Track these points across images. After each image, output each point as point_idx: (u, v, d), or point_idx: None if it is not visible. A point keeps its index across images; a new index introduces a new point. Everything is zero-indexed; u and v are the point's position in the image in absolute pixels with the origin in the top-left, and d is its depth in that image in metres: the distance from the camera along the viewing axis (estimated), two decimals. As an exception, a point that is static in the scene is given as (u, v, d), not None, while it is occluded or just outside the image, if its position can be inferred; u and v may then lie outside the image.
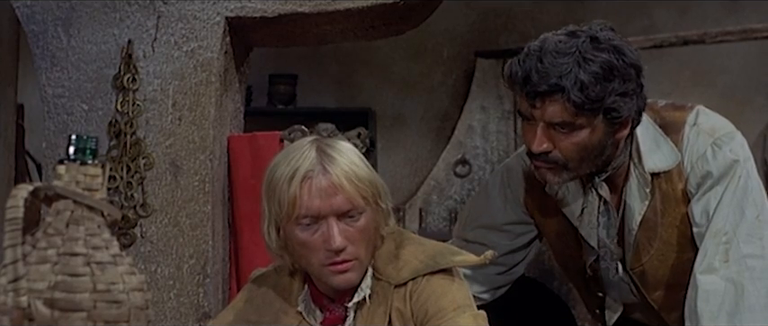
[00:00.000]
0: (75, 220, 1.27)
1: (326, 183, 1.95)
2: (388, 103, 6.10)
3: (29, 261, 1.23)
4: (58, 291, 1.20)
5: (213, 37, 2.87)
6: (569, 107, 2.09)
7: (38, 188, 1.25)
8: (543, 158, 2.19)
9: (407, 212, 5.64)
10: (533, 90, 2.13)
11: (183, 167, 2.83)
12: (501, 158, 5.57)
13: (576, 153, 2.17)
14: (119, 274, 1.25)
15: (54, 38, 2.91)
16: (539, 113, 2.14)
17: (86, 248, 1.25)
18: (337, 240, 1.95)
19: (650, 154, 2.27)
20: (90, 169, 1.29)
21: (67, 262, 1.23)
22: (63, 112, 2.90)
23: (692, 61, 5.70)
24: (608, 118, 2.13)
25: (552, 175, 2.22)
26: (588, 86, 2.08)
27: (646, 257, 2.36)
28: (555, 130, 2.15)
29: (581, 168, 2.22)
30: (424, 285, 2.02)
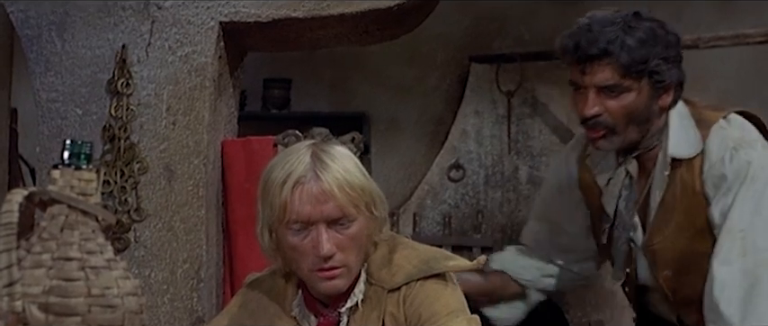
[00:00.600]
0: (69, 224, 1.28)
1: (318, 189, 1.94)
2: (383, 107, 6.02)
3: (24, 266, 1.23)
4: (53, 295, 1.20)
5: (207, 42, 2.89)
6: (617, 70, 2.32)
7: (33, 193, 1.25)
8: (594, 122, 2.38)
9: (401, 216, 5.56)
10: (584, 54, 2.35)
11: (178, 171, 2.84)
12: (495, 162, 5.56)
13: (624, 116, 2.36)
14: (113, 278, 1.25)
15: (48, 42, 2.93)
16: (588, 78, 2.36)
17: (81, 252, 1.26)
18: (325, 247, 1.95)
19: (676, 140, 2.42)
20: (85, 174, 1.30)
21: (62, 266, 1.23)
22: (57, 116, 2.92)
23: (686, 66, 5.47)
24: (652, 81, 2.35)
25: (604, 141, 2.42)
26: (634, 50, 2.31)
27: (659, 237, 2.48)
28: (604, 94, 2.35)
29: (628, 133, 2.39)
30: (418, 289, 2.02)
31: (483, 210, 5.51)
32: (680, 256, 2.47)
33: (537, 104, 5.57)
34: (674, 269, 2.50)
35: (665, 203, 2.45)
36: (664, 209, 2.45)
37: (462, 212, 5.55)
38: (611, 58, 2.32)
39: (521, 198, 5.50)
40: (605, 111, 2.37)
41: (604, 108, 2.37)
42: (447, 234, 5.47)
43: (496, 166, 5.57)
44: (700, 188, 2.40)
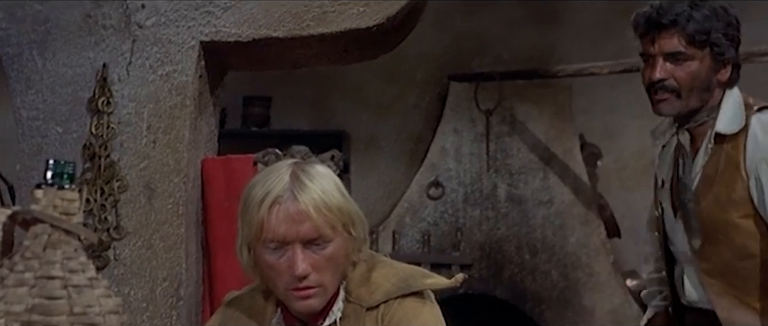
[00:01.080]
0: (52, 243, 1.29)
1: (294, 210, 1.93)
2: (362, 125, 6.08)
3: (6, 284, 1.24)
4: (36, 313, 1.21)
5: (188, 61, 2.89)
6: (683, 38, 2.57)
7: (16, 212, 1.27)
8: (660, 86, 2.62)
9: (381, 234, 5.58)
10: (656, 22, 2.60)
11: (158, 189, 2.83)
12: (473, 180, 5.59)
13: (688, 81, 2.60)
14: (95, 297, 1.27)
15: (29, 61, 2.91)
16: (658, 46, 2.61)
17: (63, 271, 1.27)
18: (300, 268, 1.94)
19: (724, 117, 2.63)
20: (67, 194, 1.31)
21: (45, 285, 1.24)
22: (37, 134, 2.91)
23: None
24: (713, 53, 2.60)
25: (666, 104, 2.63)
26: (699, 21, 2.57)
27: (697, 206, 2.66)
28: (671, 61, 2.60)
29: (691, 99, 2.62)
30: (396, 307, 2.02)
31: (462, 228, 5.54)
32: (713, 226, 2.63)
33: (515, 123, 5.61)
34: (706, 238, 2.65)
35: (706, 175, 2.64)
36: (704, 181, 2.64)
37: (441, 230, 5.58)
38: (678, 28, 2.57)
39: (499, 216, 5.52)
40: (671, 76, 2.61)
41: (670, 74, 2.61)
42: (426, 252, 5.49)
43: (475, 184, 5.60)
44: (742, 163, 2.57)
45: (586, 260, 5.25)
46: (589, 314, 5.18)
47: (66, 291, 1.24)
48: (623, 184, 5.75)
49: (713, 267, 2.64)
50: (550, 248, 5.32)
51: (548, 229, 5.35)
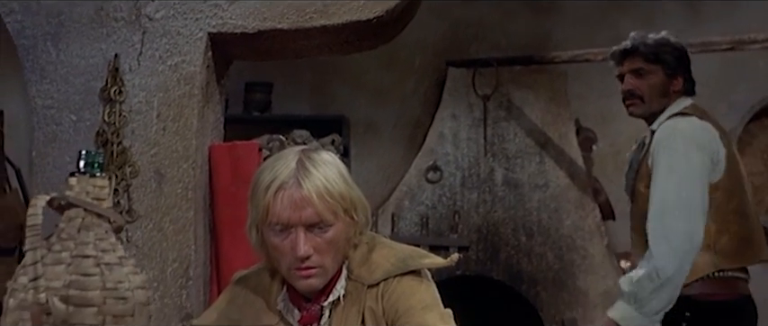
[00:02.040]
0: (85, 226, 1.43)
1: (298, 196, 2.04)
2: (362, 110, 6.11)
3: (45, 262, 1.38)
4: (72, 288, 1.34)
5: (196, 52, 3.03)
6: (641, 58, 3.39)
7: (53, 198, 1.41)
8: (630, 94, 3.41)
9: (380, 217, 5.63)
10: (624, 50, 3.44)
11: (167, 175, 2.97)
12: (471, 164, 5.65)
13: (649, 89, 3.38)
14: (124, 273, 1.41)
15: (43, 52, 3.05)
16: (625, 66, 3.43)
17: (96, 250, 1.41)
18: (302, 250, 2.05)
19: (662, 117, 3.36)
20: (98, 181, 1.46)
21: (80, 263, 1.38)
22: (52, 122, 3.04)
23: (655, 71, 5.83)
24: (664, 68, 3.37)
25: (635, 107, 3.42)
26: (652, 46, 3.39)
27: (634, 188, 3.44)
28: (635, 76, 3.40)
29: (652, 103, 3.38)
30: (395, 285, 2.13)
31: (459, 211, 5.61)
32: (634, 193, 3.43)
33: (512, 108, 5.67)
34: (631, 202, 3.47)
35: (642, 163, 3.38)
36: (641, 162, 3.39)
37: (439, 213, 5.64)
38: (638, 51, 3.41)
39: (496, 199, 5.60)
40: (636, 87, 3.40)
41: (635, 85, 3.40)
42: (424, 234, 5.56)
43: (473, 168, 5.67)
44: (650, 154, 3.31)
45: (581, 243, 5.34)
46: (583, 295, 5.28)
47: (99, 268, 1.38)
48: (618, 167, 5.80)
49: (633, 225, 3.43)
50: (546, 230, 5.40)
51: (543, 212, 5.43)
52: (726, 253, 3.25)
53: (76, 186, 1.44)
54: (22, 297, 1.31)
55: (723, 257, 3.24)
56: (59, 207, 1.44)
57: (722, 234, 3.24)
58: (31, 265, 1.31)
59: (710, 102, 5.73)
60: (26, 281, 1.32)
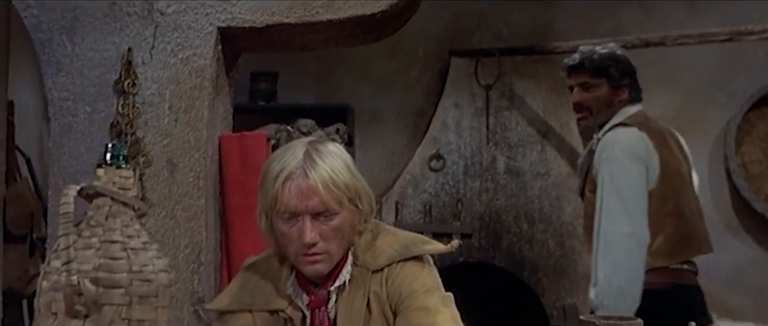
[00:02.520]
0: (112, 213, 1.56)
1: (305, 186, 2.14)
2: (366, 100, 6.15)
3: (76, 247, 1.50)
4: (102, 271, 1.47)
5: (206, 45, 3.14)
6: (587, 73, 3.64)
7: (83, 188, 1.54)
8: (579, 107, 3.68)
9: (384, 204, 5.72)
10: (573, 65, 3.69)
11: (179, 164, 3.08)
12: (473, 153, 5.73)
13: (595, 102, 3.64)
14: (149, 257, 1.54)
15: (59, 46, 3.16)
16: (573, 80, 3.70)
17: (122, 236, 1.54)
18: (308, 237, 2.16)
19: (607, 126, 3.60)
20: (123, 172, 1.59)
21: (108, 248, 1.51)
22: (68, 114, 3.15)
23: (656, 60, 5.79)
24: (610, 80, 3.61)
25: (584, 120, 3.71)
26: (597, 61, 3.63)
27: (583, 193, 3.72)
28: (584, 89, 3.65)
29: (599, 115, 3.64)
30: (399, 270, 2.25)
31: (462, 199, 5.70)
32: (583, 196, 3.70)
33: (514, 97, 5.76)
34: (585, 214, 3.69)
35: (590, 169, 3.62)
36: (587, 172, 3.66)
37: (442, 201, 5.73)
38: (584, 67, 3.67)
39: (498, 188, 5.68)
40: (584, 100, 3.66)
41: (584, 98, 3.66)
42: (428, 222, 5.66)
43: (475, 156, 5.75)
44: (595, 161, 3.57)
45: (582, 230, 5.44)
46: (584, 282, 5.32)
47: (126, 253, 1.51)
48: (618, 156, 5.94)
49: (584, 225, 3.69)
50: (547, 218, 5.51)
51: (545, 200, 5.53)
52: (661, 253, 3.49)
53: (103, 177, 1.56)
54: (55, 279, 1.43)
55: (658, 256, 3.47)
56: (88, 196, 1.57)
57: (657, 236, 3.47)
58: (64, 249, 1.44)
59: (710, 91, 5.88)
60: (59, 264, 1.44)
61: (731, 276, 5.88)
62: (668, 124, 5.82)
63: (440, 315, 2.18)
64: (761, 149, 5.91)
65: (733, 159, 5.75)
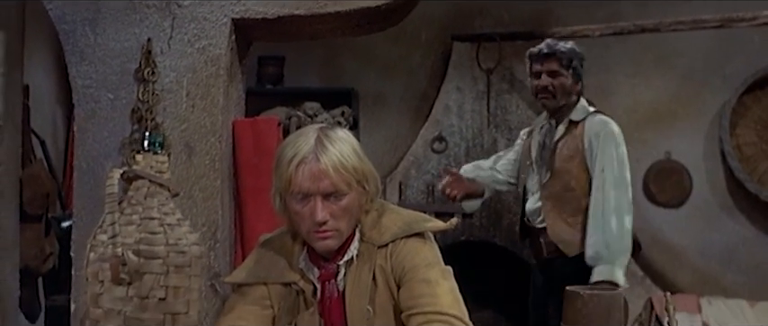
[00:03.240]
0: (150, 194, 1.77)
1: (316, 169, 2.30)
2: (370, 83, 6.34)
3: (120, 223, 1.73)
4: (142, 244, 1.69)
5: (221, 36, 3.30)
6: (557, 62, 4.20)
7: (124, 171, 1.77)
8: (545, 89, 4.22)
9: (388, 185, 5.88)
10: (544, 53, 4.24)
11: (196, 148, 3.23)
12: (475, 135, 5.90)
13: (560, 88, 4.22)
14: (183, 232, 1.76)
15: (82, 36, 3.32)
16: (542, 67, 4.23)
17: (159, 213, 1.76)
18: (320, 215, 2.33)
19: (576, 112, 4.25)
20: (159, 157, 1.81)
21: (147, 224, 1.73)
22: (91, 100, 3.31)
23: (653, 45, 6.06)
24: (573, 72, 4.23)
25: (549, 100, 4.24)
26: (566, 53, 4.22)
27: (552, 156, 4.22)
28: (551, 76, 4.20)
29: (560, 99, 4.23)
30: (402, 246, 2.42)
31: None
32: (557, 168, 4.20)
33: (514, 81, 5.93)
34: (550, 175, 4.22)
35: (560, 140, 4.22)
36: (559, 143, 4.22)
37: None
38: (556, 56, 4.24)
39: None
40: (551, 84, 4.22)
41: (551, 83, 4.22)
42: (430, 202, 5.83)
43: (476, 138, 5.94)
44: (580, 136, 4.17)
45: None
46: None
47: (163, 228, 1.73)
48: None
49: (549, 194, 4.23)
50: (546, 198, 5.67)
51: (544, 180, 5.70)
52: None
53: (142, 162, 1.78)
54: (101, 252, 1.64)
55: None
56: (128, 179, 1.79)
57: None
58: (110, 225, 1.65)
59: (705, 75, 6.06)
60: (105, 238, 1.66)
61: (725, 255, 6.12)
62: (665, 107, 6.08)
63: (440, 287, 2.35)
64: (755, 131, 6.10)
65: (727, 142, 5.94)
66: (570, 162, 4.17)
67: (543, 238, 4.25)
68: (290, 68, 6.24)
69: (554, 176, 4.21)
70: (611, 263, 3.97)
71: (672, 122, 6.18)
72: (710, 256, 6.15)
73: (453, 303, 2.33)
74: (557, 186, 4.20)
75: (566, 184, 4.18)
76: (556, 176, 4.20)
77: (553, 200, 4.20)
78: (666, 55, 6.15)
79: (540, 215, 4.28)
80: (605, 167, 4.07)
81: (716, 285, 6.07)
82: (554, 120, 4.29)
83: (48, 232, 5.53)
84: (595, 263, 4.01)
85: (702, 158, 6.15)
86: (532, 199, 4.34)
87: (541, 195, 4.25)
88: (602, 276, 3.96)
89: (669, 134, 6.17)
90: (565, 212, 4.18)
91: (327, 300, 2.45)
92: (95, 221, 3.07)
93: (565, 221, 4.18)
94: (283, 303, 2.47)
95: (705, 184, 6.16)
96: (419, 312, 2.31)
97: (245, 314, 2.44)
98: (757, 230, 6.09)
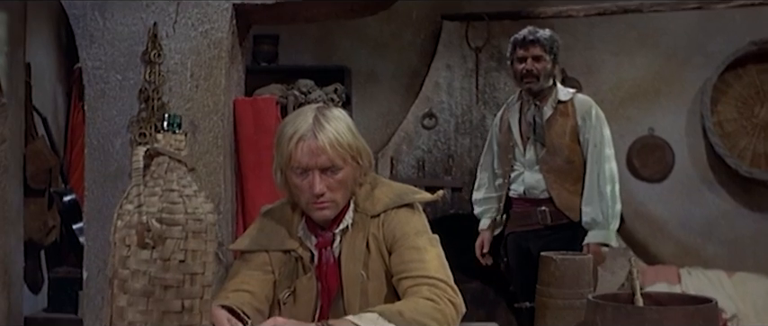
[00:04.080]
0: (170, 169, 2.02)
1: (314, 146, 2.45)
2: (362, 61, 6.50)
3: (145, 194, 1.98)
4: (164, 213, 1.94)
5: (223, 20, 3.50)
6: (540, 47, 4.50)
7: (148, 149, 2.02)
8: (530, 73, 4.49)
9: (380, 160, 6.03)
10: (528, 39, 4.53)
11: (200, 125, 3.38)
12: (464, 111, 6.08)
13: (543, 71, 4.51)
14: (199, 202, 2.01)
15: (92, 20, 3.54)
16: (526, 52, 4.50)
17: (179, 186, 2.01)
18: (317, 188, 2.47)
19: (561, 93, 4.60)
20: (177, 137, 2.06)
21: (168, 195, 1.98)
22: (101, 81, 3.53)
23: (637, 24, 6.29)
24: (553, 56, 4.53)
25: (532, 84, 4.51)
26: (548, 39, 4.53)
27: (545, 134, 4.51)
28: (535, 61, 4.49)
29: (543, 82, 4.52)
30: (393, 216, 2.58)
31: (453, 154, 6.06)
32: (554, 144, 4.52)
33: (502, 59, 5.88)
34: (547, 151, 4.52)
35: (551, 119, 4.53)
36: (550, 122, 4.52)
37: (434, 157, 6.08)
38: (539, 42, 4.53)
39: None
40: (535, 68, 4.50)
41: (535, 67, 4.50)
42: (421, 176, 6.01)
43: (465, 115, 6.11)
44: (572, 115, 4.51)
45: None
46: None
47: (182, 198, 1.98)
48: (601, 114, 6.31)
49: (549, 168, 4.55)
50: (533, 173, 5.88)
51: (530, 156, 5.90)
52: None
53: (162, 140, 2.03)
54: (127, 219, 1.89)
55: None
56: (150, 155, 2.05)
57: None
58: (136, 196, 1.90)
59: (688, 53, 6.31)
60: (131, 208, 1.91)
61: (705, 227, 6.42)
62: (648, 84, 6.31)
63: (427, 253, 2.53)
64: (735, 108, 6.36)
65: (709, 118, 6.20)
66: (564, 138, 4.52)
67: (547, 207, 4.56)
68: (284, 47, 6.39)
69: (550, 151, 4.54)
70: (606, 228, 4.44)
71: (655, 99, 6.42)
72: (691, 228, 6.42)
73: (439, 268, 2.51)
74: (557, 160, 4.54)
75: (566, 157, 4.52)
76: (553, 151, 4.54)
77: (555, 173, 4.55)
78: (650, 34, 6.36)
79: (542, 188, 4.58)
80: (598, 143, 4.47)
81: (696, 256, 6.33)
82: (538, 101, 4.59)
83: (50, 206, 5.78)
84: (591, 228, 4.46)
85: (684, 134, 6.41)
86: (529, 174, 4.61)
87: (541, 169, 4.56)
88: (597, 238, 4.45)
89: (652, 111, 6.40)
90: (567, 183, 4.53)
91: (324, 265, 2.61)
92: (106, 194, 3.32)
93: (568, 191, 4.53)
94: (283, 269, 2.64)
95: (687, 159, 6.42)
96: (408, 276, 2.49)
97: (249, 279, 2.61)
98: (736, 204, 6.37)
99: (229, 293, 2.56)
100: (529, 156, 4.60)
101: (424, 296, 2.42)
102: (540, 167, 4.57)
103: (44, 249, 5.97)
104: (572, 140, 4.54)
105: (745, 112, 6.38)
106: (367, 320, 2.29)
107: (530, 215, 4.64)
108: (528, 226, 4.65)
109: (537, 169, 4.58)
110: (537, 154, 4.57)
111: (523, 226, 4.68)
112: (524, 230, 4.66)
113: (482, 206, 4.95)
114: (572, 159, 4.54)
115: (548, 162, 4.55)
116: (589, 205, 4.47)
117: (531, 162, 4.59)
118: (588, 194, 4.48)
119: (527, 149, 4.62)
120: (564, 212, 4.55)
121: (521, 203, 4.68)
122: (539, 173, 4.58)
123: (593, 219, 4.45)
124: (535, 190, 4.60)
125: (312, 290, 2.59)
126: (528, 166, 4.62)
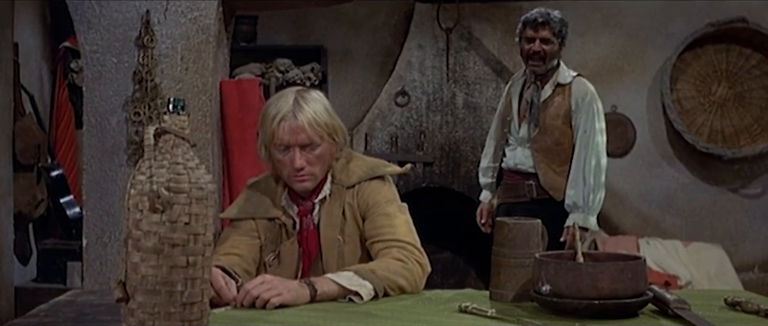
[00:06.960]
0: (175, 145, 2.29)
1: (295, 125, 2.65)
2: (338, 41, 6.67)
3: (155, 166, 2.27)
4: (172, 182, 2.20)
5: (210, 8, 3.79)
6: (549, 30, 4.60)
7: (156, 128, 2.33)
8: (537, 55, 4.61)
9: (355, 136, 6.20)
10: (539, 21, 4.62)
11: (190, 105, 3.70)
12: (435, 90, 6.31)
13: (550, 53, 4.62)
14: (201, 173, 2.27)
15: (89, 8, 3.83)
16: (539, 34, 4.60)
17: (183, 159, 2.27)
18: (298, 163, 2.67)
19: (561, 75, 4.72)
20: (182, 117, 2.35)
21: (174, 167, 2.23)
22: (98, 64, 3.82)
23: (603, 5, 6.62)
24: (561, 39, 4.65)
25: (539, 66, 4.62)
26: (557, 22, 4.63)
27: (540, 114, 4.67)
28: (544, 43, 4.59)
29: (548, 64, 4.64)
30: (366, 186, 2.79)
31: (425, 131, 6.29)
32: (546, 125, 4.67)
33: (472, 39, 6.37)
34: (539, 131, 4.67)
35: (548, 100, 4.68)
36: (547, 102, 4.68)
37: (407, 133, 6.31)
38: (549, 24, 4.63)
39: (457, 121, 6.28)
40: (542, 50, 4.60)
41: (542, 48, 4.60)
42: (394, 151, 6.23)
43: (437, 93, 6.34)
44: (567, 98, 4.67)
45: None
46: None
47: (186, 170, 2.24)
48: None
49: (539, 147, 4.70)
50: (501, 148, 6.18)
51: (499, 132, 6.19)
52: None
53: (169, 120, 2.34)
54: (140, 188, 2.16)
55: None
56: (159, 134, 2.35)
57: None
58: (148, 168, 2.20)
59: (650, 33, 6.62)
60: (143, 178, 2.17)
61: (664, 200, 6.79)
62: (611, 63, 6.65)
63: (397, 219, 2.76)
64: (694, 86, 6.70)
65: (668, 95, 6.55)
66: (557, 120, 4.67)
67: (533, 181, 4.74)
68: (262, 27, 6.55)
69: (542, 131, 4.68)
70: (585, 212, 4.62)
71: (618, 78, 6.72)
72: (651, 201, 6.79)
73: (408, 233, 2.74)
74: (547, 141, 4.70)
75: (556, 139, 4.68)
76: (544, 131, 4.69)
77: (543, 152, 4.70)
78: (614, 14, 6.66)
79: (530, 163, 4.75)
80: (588, 130, 4.61)
81: (656, 227, 6.71)
82: (539, 81, 4.71)
83: (39, 181, 5.99)
84: (572, 210, 4.64)
85: (645, 111, 6.73)
86: (520, 150, 4.78)
87: (531, 147, 4.72)
88: (576, 220, 4.60)
89: (615, 88, 6.69)
90: (554, 163, 4.69)
91: (305, 231, 2.82)
92: (103, 167, 3.65)
93: (554, 171, 4.70)
94: (269, 235, 2.84)
95: (647, 135, 6.75)
96: (380, 239, 2.72)
97: (238, 244, 2.81)
98: (694, 177, 6.72)
99: (221, 256, 2.74)
100: (522, 133, 4.74)
101: (394, 257, 2.65)
102: (531, 146, 4.71)
103: (32, 222, 6.17)
104: (564, 122, 4.67)
105: (703, 90, 6.67)
106: (343, 277, 2.50)
107: (518, 187, 4.79)
108: (517, 198, 4.80)
109: (528, 147, 4.72)
110: (529, 132, 4.70)
111: (513, 197, 4.83)
112: (514, 202, 4.78)
113: (484, 176, 5.10)
114: (561, 141, 4.67)
115: (538, 141, 4.69)
116: (573, 189, 4.62)
117: (523, 139, 4.74)
118: (573, 178, 4.63)
119: (522, 126, 4.75)
120: (547, 191, 4.72)
121: (511, 175, 4.84)
122: (529, 150, 4.72)
123: (575, 202, 4.61)
124: (523, 165, 4.76)
125: (294, 253, 2.81)
126: (520, 142, 4.76)
